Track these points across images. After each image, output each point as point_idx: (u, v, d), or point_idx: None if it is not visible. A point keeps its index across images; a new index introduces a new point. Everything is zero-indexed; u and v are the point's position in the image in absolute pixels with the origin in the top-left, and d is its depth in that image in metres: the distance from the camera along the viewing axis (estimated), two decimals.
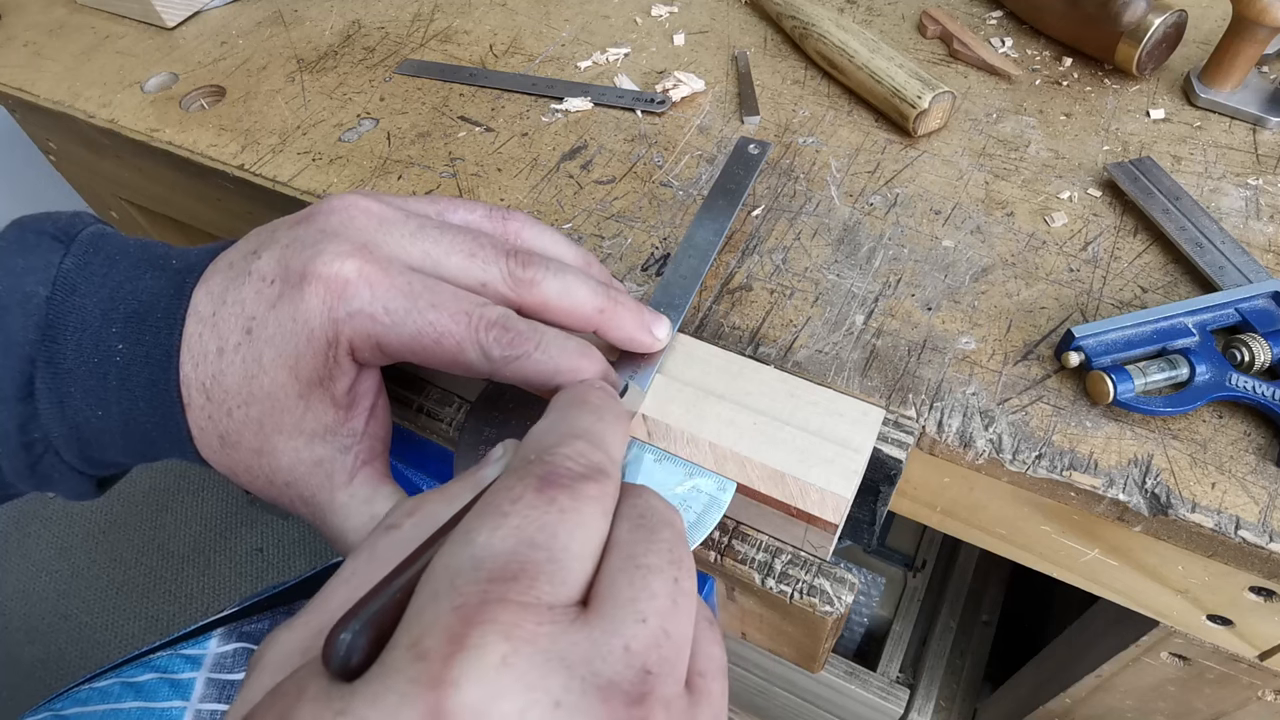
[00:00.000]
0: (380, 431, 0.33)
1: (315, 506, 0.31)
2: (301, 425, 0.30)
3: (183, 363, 0.30)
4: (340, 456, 0.31)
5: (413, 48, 0.59)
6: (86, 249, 0.32)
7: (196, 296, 0.30)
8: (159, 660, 0.53)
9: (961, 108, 0.51)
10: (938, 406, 0.37)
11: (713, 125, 0.51)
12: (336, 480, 0.31)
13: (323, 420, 0.30)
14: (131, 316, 0.30)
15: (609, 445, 0.25)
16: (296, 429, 0.30)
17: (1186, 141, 0.47)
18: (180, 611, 1.49)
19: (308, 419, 0.30)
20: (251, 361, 0.29)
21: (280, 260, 0.29)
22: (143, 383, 0.30)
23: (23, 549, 1.61)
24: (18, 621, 1.52)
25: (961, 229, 0.44)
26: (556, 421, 0.25)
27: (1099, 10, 0.49)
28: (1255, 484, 0.34)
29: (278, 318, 0.29)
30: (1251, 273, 0.39)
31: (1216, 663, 0.44)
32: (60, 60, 0.61)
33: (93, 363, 0.30)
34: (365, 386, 0.31)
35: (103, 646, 1.47)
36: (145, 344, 0.30)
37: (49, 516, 1.64)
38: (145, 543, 1.59)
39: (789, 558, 0.38)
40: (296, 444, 0.30)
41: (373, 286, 0.28)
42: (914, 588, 0.87)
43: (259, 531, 1.56)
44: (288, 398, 0.29)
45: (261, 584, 1.51)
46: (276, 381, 0.29)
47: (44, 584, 1.55)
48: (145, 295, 0.31)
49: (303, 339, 0.29)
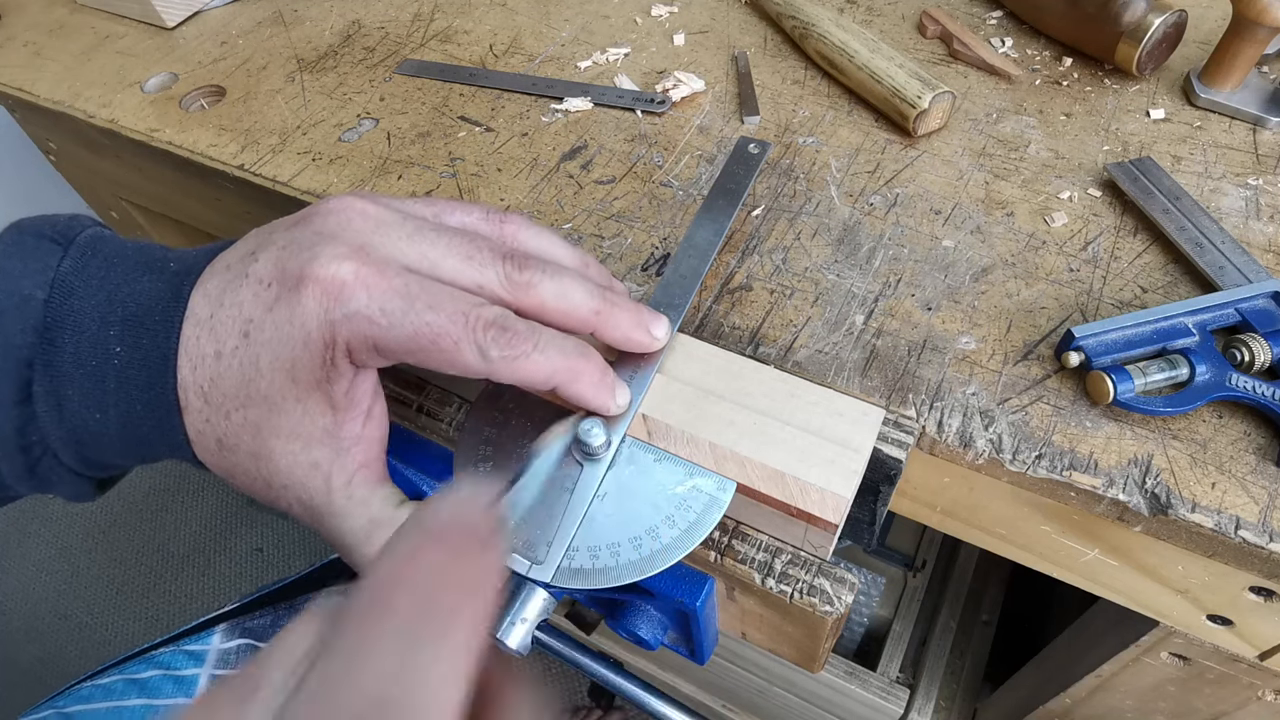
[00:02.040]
0: (377, 434, 0.33)
1: (313, 509, 0.31)
2: (299, 429, 0.30)
3: (180, 366, 0.30)
4: (337, 459, 0.31)
5: (413, 48, 0.59)
6: (84, 251, 0.32)
7: (194, 299, 0.30)
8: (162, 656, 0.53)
9: (961, 108, 0.51)
10: (938, 406, 0.37)
11: (713, 125, 0.51)
12: (334, 483, 0.31)
13: (320, 423, 0.30)
14: (129, 319, 0.30)
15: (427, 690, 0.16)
16: (293, 433, 0.30)
17: (1186, 141, 0.47)
18: (180, 611, 1.49)
19: (305, 422, 0.30)
20: (249, 365, 0.29)
21: (277, 263, 0.29)
22: (140, 385, 0.30)
23: (23, 549, 1.61)
24: (18, 621, 1.52)
25: (961, 229, 0.44)
26: (341, 668, 0.17)
27: (1099, 10, 0.49)
28: (1255, 484, 0.34)
29: (275, 321, 0.29)
30: (1251, 273, 0.39)
31: (1216, 663, 0.44)
32: (60, 60, 0.61)
33: (90, 366, 0.30)
34: (362, 389, 0.31)
35: (103, 646, 1.47)
36: (143, 347, 0.30)
37: (49, 516, 1.64)
38: (145, 543, 1.59)
39: (789, 558, 0.38)
40: (293, 448, 0.30)
41: (369, 288, 0.28)
42: (914, 588, 0.87)
43: (259, 531, 1.57)
44: (285, 401, 0.29)
45: (261, 584, 1.51)
46: (274, 385, 0.29)
47: (44, 584, 1.55)
48: (143, 298, 0.31)
49: (299, 342, 0.29)
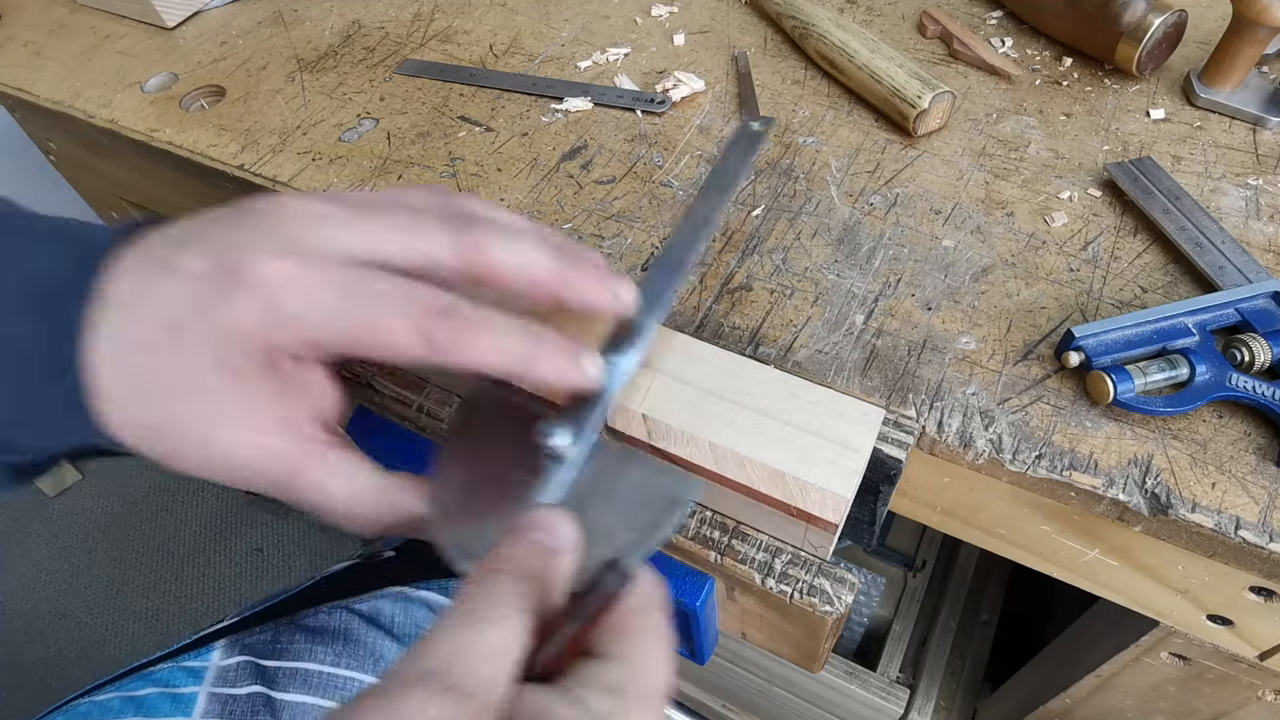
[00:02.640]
0: (336, 412, 0.32)
1: (288, 489, 0.30)
2: (251, 421, 0.29)
3: (95, 346, 0.28)
4: (300, 445, 0.30)
5: (413, 48, 0.59)
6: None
7: (108, 281, 0.29)
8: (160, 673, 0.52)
9: (961, 108, 0.51)
10: (938, 406, 0.37)
11: (713, 125, 0.51)
12: (307, 464, 0.30)
13: (272, 413, 0.29)
14: (24, 289, 0.29)
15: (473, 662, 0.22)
16: (244, 424, 0.29)
17: (1186, 141, 0.47)
18: (180, 612, 1.49)
19: (257, 414, 0.29)
20: (181, 364, 0.28)
21: (209, 259, 0.28)
22: (42, 359, 0.29)
23: (23, 549, 1.61)
24: (18, 621, 1.52)
25: (961, 229, 0.44)
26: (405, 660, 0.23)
27: (1099, 10, 0.49)
28: (1255, 484, 0.34)
29: (207, 325, 0.28)
30: (1251, 273, 0.39)
31: (1216, 663, 0.44)
32: (60, 60, 0.61)
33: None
34: (311, 377, 0.30)
35: (103, 646, 1.47)
36: (48, 317, 0.28)
37: (49, 516, 1.64)
38: (145, 543, 1.59)
39: (789, 558, 0.38)
40: (246, 437, 0.29)
41: (305, 288, 0.27)
42: (914, 588, 0.87)
43: (259, 531, 1.57)
44: (228, 398, 0.28)
45: (261, 584, 1.51)
46: (217, 383, 0.28)
47: (44, 584, 1.55)
48: (41, 267, 0.29)
49: (237, 344, 0.28)
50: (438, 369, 0.28)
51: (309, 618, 0.61)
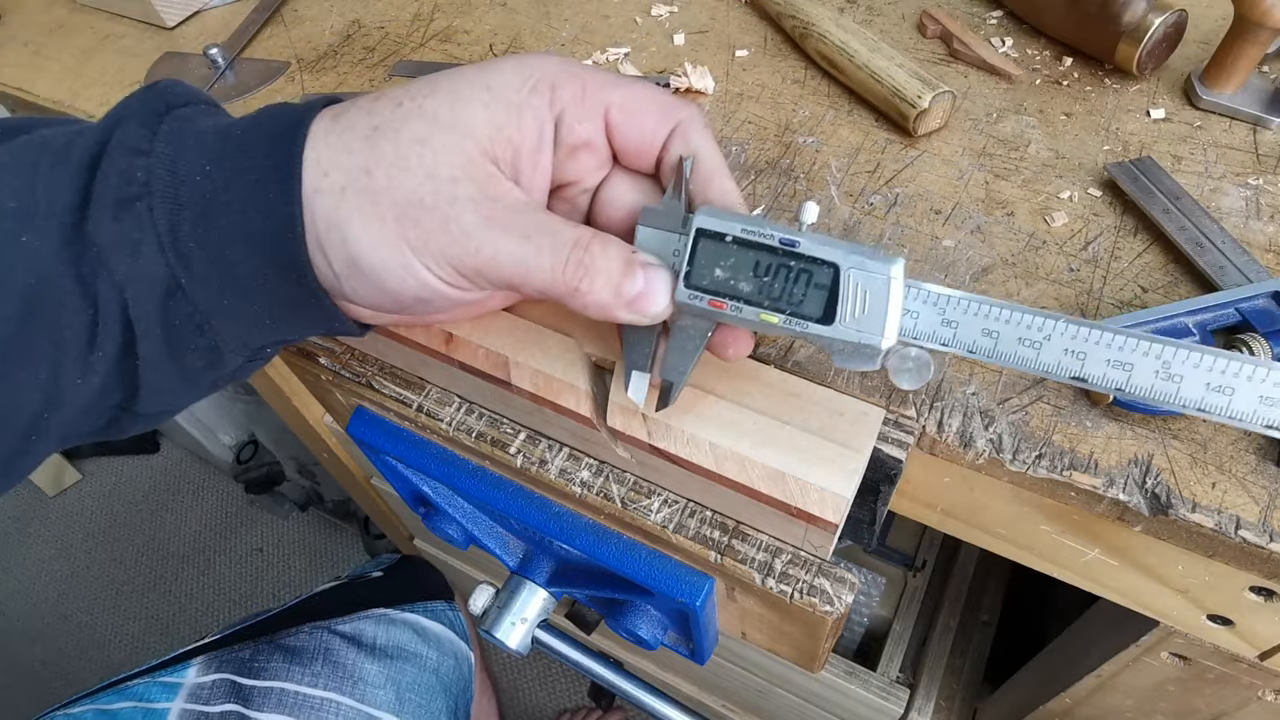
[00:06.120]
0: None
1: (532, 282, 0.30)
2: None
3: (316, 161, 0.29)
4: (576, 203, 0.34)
5: (413, 47, 0.59)
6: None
7: (317, 125, 0.29)
8: (136, 688, 0.52)
9: (961, 107, 0.51)
10: (938, 406, 0.37)
11: (712, 125, 0.51)
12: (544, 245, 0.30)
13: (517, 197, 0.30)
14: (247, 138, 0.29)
15: None
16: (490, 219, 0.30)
17: (1187, 141, 0.47)
18: (180, 612, 1.49)
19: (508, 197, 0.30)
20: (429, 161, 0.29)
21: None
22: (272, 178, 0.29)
23: (23, 549, 1.61)
24: (18, 622, 1.52)
25: (962, 229, 0.44)
26: None
27: (1099, 10, 0.49)
28: (1255, 484, 0.34)
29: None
30: (1252, 272, 0.39)
31: (1216, 663, 0.44)
32: (60, 60, 0.61)
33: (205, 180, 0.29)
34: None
35: (103, 646, 1.47)
36: (275, 155, 0.29)
37: (49, 516, 1.64)
38: (145, 543, 1.59)
39: (789, 557, 0.38)
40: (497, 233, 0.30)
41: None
42: (914, 588, 0.87)
43: (259, 531, 1.56)
44: (489, 182, 0.30)
45: (261, 584, 1.51)
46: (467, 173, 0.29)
47: (44, 584, 1.55)
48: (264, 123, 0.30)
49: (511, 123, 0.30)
50: None
51: (289, 637, 0.61)
